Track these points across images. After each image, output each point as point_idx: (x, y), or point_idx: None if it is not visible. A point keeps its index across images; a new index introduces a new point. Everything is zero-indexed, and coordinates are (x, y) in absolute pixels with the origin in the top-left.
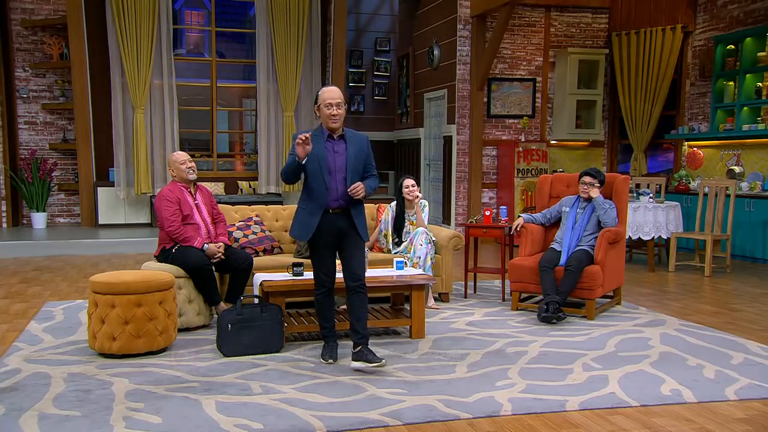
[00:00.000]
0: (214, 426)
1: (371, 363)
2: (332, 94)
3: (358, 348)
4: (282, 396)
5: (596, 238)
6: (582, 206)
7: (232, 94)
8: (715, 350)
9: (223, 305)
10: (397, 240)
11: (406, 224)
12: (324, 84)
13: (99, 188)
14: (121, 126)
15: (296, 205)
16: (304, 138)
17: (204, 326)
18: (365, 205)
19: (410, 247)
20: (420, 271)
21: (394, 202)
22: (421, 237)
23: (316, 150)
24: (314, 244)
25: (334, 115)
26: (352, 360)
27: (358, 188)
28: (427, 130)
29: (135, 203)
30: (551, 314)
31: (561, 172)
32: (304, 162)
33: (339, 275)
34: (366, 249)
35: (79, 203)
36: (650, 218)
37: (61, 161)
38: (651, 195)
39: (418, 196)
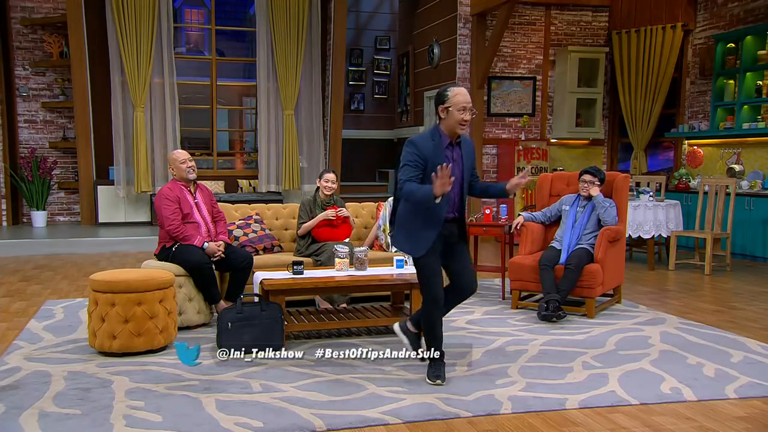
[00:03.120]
0: (215, 424)
1: (418, 352)
2: (467, 97)
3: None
4: (282, 394)
5: (596, 236)
6: (582, 205)
7: (232, 92)
8: (715, 348)
9: (223, 304)
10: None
11: None
12: (324, 82)
13: (99, 187)
14: (120, 124)
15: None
16: (448, 177)
17: (204, 325)
18: (363, 204)
19: None
20: None
21: (392, 198)
22: None
23: (437, 160)
24: (425, 257)
25: (465, 121)
26: (402, 329)
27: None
28: (428, 129)
29: (135, 202)
30: (551, 312)
31: (561, 170)
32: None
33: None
34: (365, 247)
35: (79, 201)
36: (650, 217)
37: (61, 160)
38: (651, 193)
39: None
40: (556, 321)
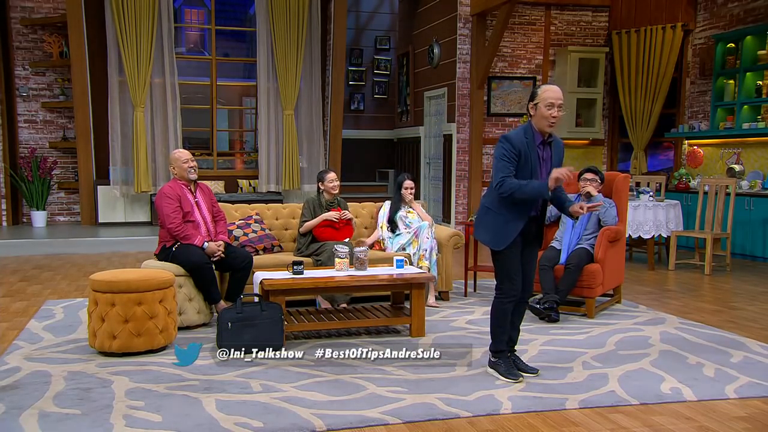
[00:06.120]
0: (214, 424)
1: (530, 373)
2: (556, 93)
3: (509, 355)
4: (282, 394)
5: (596, 236)
6: None
7: (232, 92)
8: (715, 348)
9: (223, 304)
10: (390, 228)
11: (402, 213)
12: (324, 82)
13: (99, 187)
14: (119, 124)
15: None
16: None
17: (204, 325)
18: (363, 204)
19: (416, 241)
20: (420, 270)
21: (388, 200)
22: (427, 231)
23: (530, 157)
24: (506, 251)
25: (554, 118)
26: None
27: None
28: (427, 129)
29: (135, 201)
30: (541, 307)
31: None
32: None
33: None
34: (365, 247)
35: (78, 201)
36: (650, 217)
37: (60, 159)
38: (651, 193)
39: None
40: (546, 319)
